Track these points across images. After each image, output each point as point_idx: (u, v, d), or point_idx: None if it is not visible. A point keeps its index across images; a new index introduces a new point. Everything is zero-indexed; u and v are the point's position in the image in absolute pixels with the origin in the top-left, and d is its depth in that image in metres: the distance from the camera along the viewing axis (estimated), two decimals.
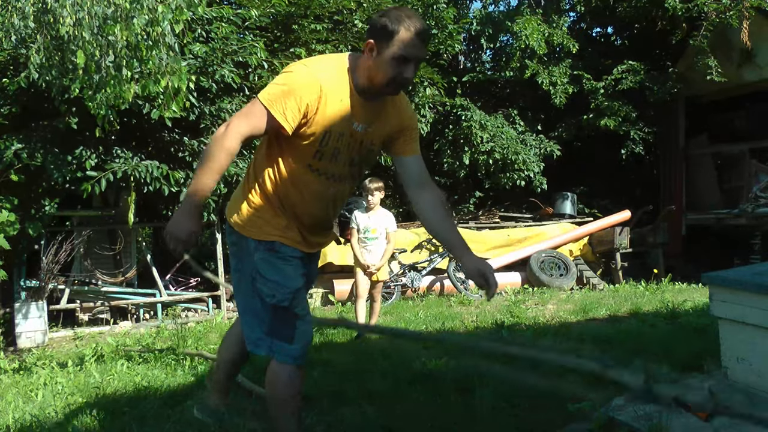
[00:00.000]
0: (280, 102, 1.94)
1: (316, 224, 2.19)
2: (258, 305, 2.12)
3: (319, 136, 2.00)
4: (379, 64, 1.96)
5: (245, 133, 1.98)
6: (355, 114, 2.04)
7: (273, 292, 2.07)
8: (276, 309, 2.09)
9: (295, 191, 2.08)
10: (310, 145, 2.02)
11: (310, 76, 1.97)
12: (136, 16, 4.29)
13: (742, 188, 8.96)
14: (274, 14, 7.84)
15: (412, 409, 2.86)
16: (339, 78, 2.02)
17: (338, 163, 2.08)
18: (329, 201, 2.17)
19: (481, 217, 9.67)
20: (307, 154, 2.04)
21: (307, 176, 2.07)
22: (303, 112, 1.95)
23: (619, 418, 2.49)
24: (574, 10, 11.50)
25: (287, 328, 2.11)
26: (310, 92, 1.95)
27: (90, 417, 3.12)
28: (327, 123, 1.99)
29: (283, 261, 2.10)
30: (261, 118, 1.97)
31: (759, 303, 2.56)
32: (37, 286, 6.33)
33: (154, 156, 6.47)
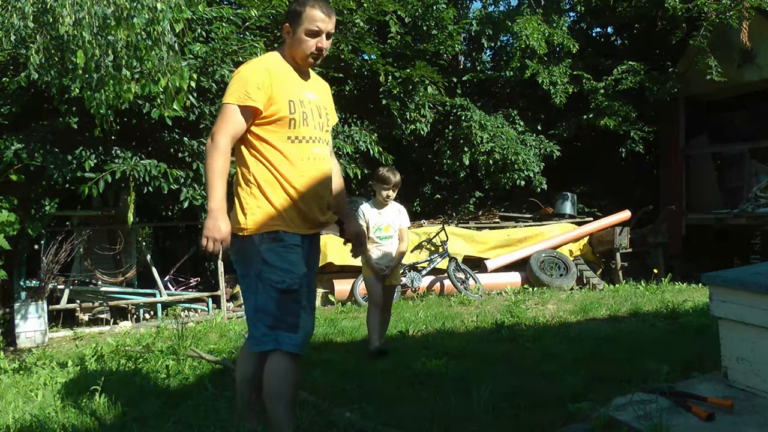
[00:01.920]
0: (241, 92, 2.28)
1: (313, 196, 2.39)
2: (263, 300, 2.27)
3: (286, 105, 2.33)
4: (297, 42, 2.38)
5: (230, 133, 2.29)
6: (302, 85, 2.43)
7: (282, 277, 2.26)
8: (283, 296, 2.25)
9: (290, 166, 2.33)
10: (282, 117, 2.32)
11: (254, 65, 2.38)
12: (136, 16, 4.29)
13: (742, 188, 8.97)
14: (274, 14, 7.84)
15: (412, 409, 2.86)
16: (277, 61, 2.42)
17: (310, 126, 2.39)
18: (318, 165, 2.42)
19: (481, 217, 9.67)
20: (282, 127, 2.33)
21: (290, 148, 2.35)
22: (263, 89, 2.28)
23: (619, 418, 2.49)
24: (574, 10, 11.50)
25: (292, 316, 2.28)
26: (260, 74, 2.31)
27: (90, 417, 3.12)
28: (286, 93, 2.34)
29: (287, 249, 2.30)
30: (235, 114, 2.29)
31: (759, 303, 2.56)
32: (37, 286, 6.33)
33: (153, 156, 6.47)
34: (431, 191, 11.50)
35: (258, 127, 2.34)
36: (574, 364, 3.57)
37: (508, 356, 3.89)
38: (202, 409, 3.06)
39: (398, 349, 4.33)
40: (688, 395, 2.59)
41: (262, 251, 2.28)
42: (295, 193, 2.34)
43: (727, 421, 2.38)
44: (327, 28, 2.38)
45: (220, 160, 2.26)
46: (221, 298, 7.39)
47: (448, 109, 9.81)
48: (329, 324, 5.90)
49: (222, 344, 4.88)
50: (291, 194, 2.34)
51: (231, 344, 4.93)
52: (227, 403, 3.12)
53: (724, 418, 2.41)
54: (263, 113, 2.31)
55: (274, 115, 2.32)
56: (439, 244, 8.16)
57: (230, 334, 5.57)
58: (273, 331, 2.26)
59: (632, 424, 2.41)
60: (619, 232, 8.42)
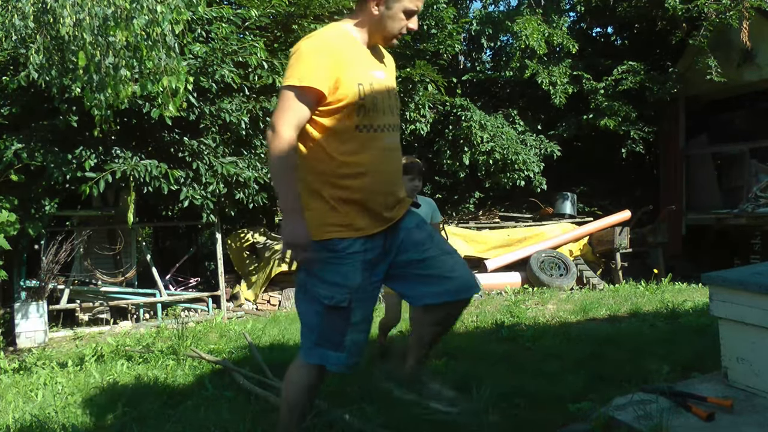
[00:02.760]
0: (301, 73, 1.95)
1: (382, 192, 2.08)
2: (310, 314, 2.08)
3: (354, 89, 1.99)
4: (388, 18, 2.05)
5: (293, 121, 1.96)
6: (371, 63, 2.10)
7: (331, 293, 2.02)
8: (330, 312, 2.03)
9: (356, 159, 2.02)
10: (351, 103, 2.00)
11: (316, 41, 2.02)
12: (136, 17, 4.29)
13: (742, 188, 8.96)
14: (274, 14, 7.83)
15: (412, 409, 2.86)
16: (342, 36, 2.07)
17: (380, 112, 2.06)
18: (389, 154, 2.11)
19: (481, 217, 9.68)
20: (351, 115, 2.01)
21: (360, 137, 2.02)
22: (328, 71, 1.96)
23: (619, 417, 2.49)
24: (574, 10, 11.50)
25: (337, 334, 2.06)
26: (323, 53, 1.97)
27: (90, 417, 3.12)
28: (353, 75, 2.00)
29: (340, 260, 2.03)
30: (296, 99, 1.96)
31: (759, 303, 2.56)
32: (37, 286, 6.33)
33: (153, 156, 6.48)
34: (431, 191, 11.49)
35: (321, 114, 2.01)
36: (574, 364, 3.57)
37: (508, 356, 3.89)
38: (202, 409, 3.06)
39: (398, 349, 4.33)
40: (688, 395, 2.59)
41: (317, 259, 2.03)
42: (362, 190, 2.03)
43: (727, 421, 2.38)
44: (421, 8, 2.12)
45: (287, 152, 1.94)
46: (221, 298, 7.39)
47: (448, 109, 9.81)
48: None
49: (222, 344, 4.88)
50: (356, 192, 2.03)
51: (231, 344, 4.93)
52: (227, 403, 3.12)
53: (724, 418, 2.41)
54: (328, 98, 1.99)
55: (341, 100, 1.99)
56: None
57: (230, 334, 5.57)
58: (318, 347, 2.07)
59: (632, 424, 2.41)
60: (619, 232, 8.42)
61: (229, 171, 6.52)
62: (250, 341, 4.66)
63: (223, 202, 6.94)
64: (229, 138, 7.02)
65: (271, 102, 6.94)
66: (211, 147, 6.72)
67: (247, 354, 4.42)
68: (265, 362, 3.88)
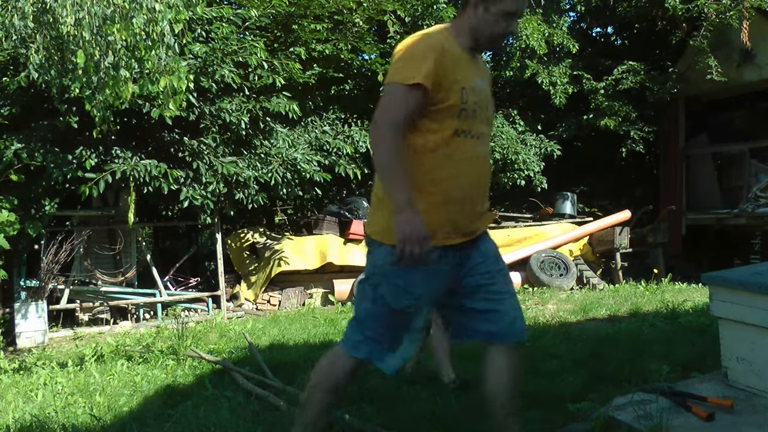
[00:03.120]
0: (410, 69, 1.90)
1: (468, 201, 2.02)
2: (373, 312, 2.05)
3: (458, 92, 1.94)
4: (487, 20, 2.00)
5: (398, 119, 1.90)
6: (473, 70, 2.04)
7: (399, 298, 1.99)
8: (394, 316, 2.01)
9: (446, 164, 1.95)
10: (453, 105, 1.94)
11: (422, 39, 1.98)
12: (135, 16, 4.29)
13: (742, 188, 8.96)
14: (274, 14, 7.83)
15: (412, 409, 2.86)
16: (447, 38, 2.00)
17: (478, 120, 2.02)
18: (481, 164, 2.06)
19: None
20: (452, 116, 1.95)
21: (455, 142, 1.96)
22: (434, 68, 1.90)
23: (619, 417, 2.49)
24: (574, 10, 11.49)
25: (393, 335, 2.05)
26: (431, 52, 1.92)
27: (90, 417, 3.12)
28: (458, 78, 1.95)
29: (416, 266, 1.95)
30: (402, 96, 1.91)
31: (759, 303, 2.56)
32: (37, 286, 6.33)
33: (153, 156, 6.47)
34: None
35: (422, 115, 1.95)
36: (574, 364, 3.57)
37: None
38: (202, 409, 3.06)
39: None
40: (688, 395, 2.59)
41: (386, 263, 1.97)
42: (448, 196, 1.96)
43: (727, 421, 2.39)
44: (523, 10, 2.07)
45: (392, 152, 1.87)
46: (221, 298, 7.39)
47: None
48: (329, 324, 5.90)
49: (222, 344, 4.88)
50: (443, 198, 1.96)
51: (231, 344, 4.93)
52: (227, 403, 3.12)
53: (724, 418, 2.41)
54: (432, 98, 1.92)
55: (445, 101, 1.93)
56: None
57: (230, 334, 5.57)
58: (369, 342, 2.05)
59: (632, 424, 2.41)
60: (619, 232, 8.42)
61: (229, 171, 6.52)
62: (250, 341, 4.66)
63: (223, 202, 6.94)
64: (229, 138, 7.02)
65: (271, 102, 6.94)
66: (211, 147, 6.72)
67: (247, 354, 4.42)
68: (265, 362, 3.88)
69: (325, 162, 7.53)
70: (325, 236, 8.04)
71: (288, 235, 8.39)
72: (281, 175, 6.91)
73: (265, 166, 6.91)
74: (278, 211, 10.26)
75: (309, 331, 5.58)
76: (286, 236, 8.23)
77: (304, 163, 7.05)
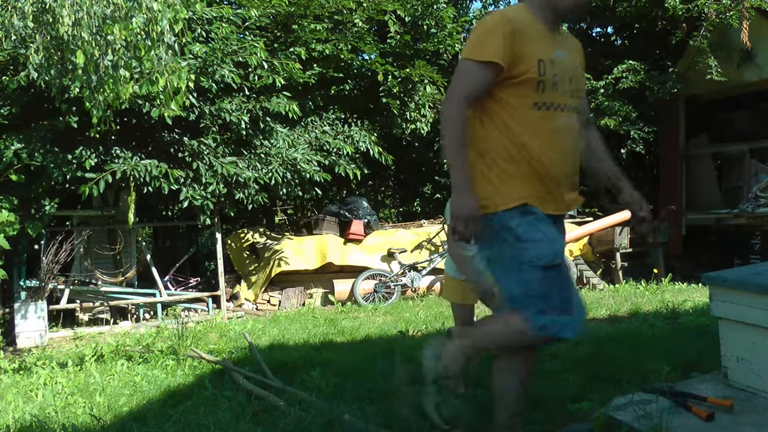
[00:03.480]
0: (481, 46, 1.97)
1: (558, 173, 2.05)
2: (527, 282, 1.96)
3: (534, 65, 1.98)
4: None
5: (466, 94, 1.98)
6: (552, 43, 2.06)
7: (543, 250, 1.96)
8: (548, 272, 1.95)
9: (532, 139, 2.00)
10: (530, 79, 1.98)
11: (498, 17, 2.05)
12: (135, 16, 4.29)
13: (742, 188, 8.96)
14: (274, 14, 7.83)
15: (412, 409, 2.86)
16: (524, 14, 2.06)
17: (560, 92, 2.03)
18: (567, 138, 2.07)
19: None
20: (529, 90, 1.99)
21: (537, 116, 2.01)
22: (508, 44, 1.95)
23: (619, 417, 2.49)
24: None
25: (558, 295, 1.98)
26: (504, 27, 1.97)
27: (90, 417, 3.12)
28: (534, 51, 1.99)
29: (539, 221, 2.01)
30: (473, 71, 1.99)
31: (759, 303, 2.56)
32: (37, 286, 6.33)
33: (153, 156, 6.47)
34: (431, 191, 11.49)
35: (500, 88, 2.01)
36: (574, 364, 3.57)
37: None
38: (202, 409, 3.06)
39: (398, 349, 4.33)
40: (688, 395, 2.59)
41: (514, 227, 1.98)
42: (539, 167, 2.01)
43: (727, 421, 2.38)
44: None
45: (458, 126, 1.97)
46: (221, 298, 7.39)
47: None
48: (329, 324, 5.90)
49: (222, 344, 4.88)
50: (534, 168, 2.01)
51: (231, 344, 4.93)
52: (227, 403, 3.12)
53: (724, 418, 2.41)
54: (507, 73, 1.98)
55: (521, 75, 1.98)
56: (439, 244, 8.16)
57: (230, 334, 5.57)
58: (544, 316, 1.93)
59: (632, 424, 2.41)
60: (619, 232, 8.42)
61: (229, 171, 6.52)
62: (250, 341, 4.66)
63: (222, 203, 6.94)
64: (229, 138, 7.02)
65: (271, 102, 6.94)
66: (211, 147, 6.72)
67: (247, 354, 4.42)
68: (265, 362, 3.88)
69: (325, 162, 7.53)
70: (325, 236, 8.04)
71: (288, 235, 8.40)
72: (281, 175, 6.91)
73: (265, 166, 6.91)
74: (278, 211, 10.27)
75: (309, 331, 5.58)
76: (286, 236, 8.23)
77: (304, 163, 7.05)
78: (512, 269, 1.99)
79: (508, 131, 2.01)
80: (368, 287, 7.49)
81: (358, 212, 8.31)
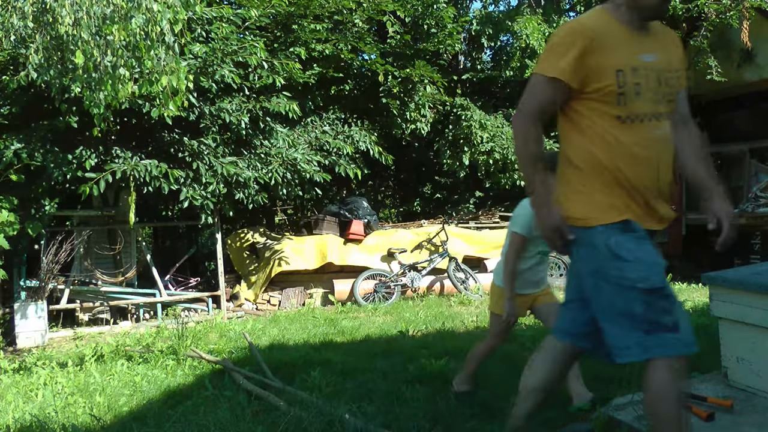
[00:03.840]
0: (550, 61, 1.91)
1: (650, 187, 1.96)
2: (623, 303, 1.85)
3: (612, 78, 1.88)
4: None
5: (534, 111, 1.95)
6: (637, 46, 1.94)
7: (644, 273, 1.84)
8: (650, 295, 1.83)
9: (615, 152, 1.91)
10: (609, 92, 1.89)
11: (572, 27, 1.96)
12: (135, 16, 4.29)
13: (742, 188, 8.96)
14: (274, 14, 7.84)
15: (412, 409, 2.86)
16: (600, 19, 1.95)
17: (645, 100, 1.91)
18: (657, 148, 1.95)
19: (481, 217, 9.67)
20: (610, 105, 1.90)
21: (620, 130, 1.91)
22: (579, 59, 1.87)
23: (619, 417, 2.49)
24: (574, 9, 11.49)
25: (667, 314, 1.84)
26: (577, 38, 1.89)
27: (90, 417, 3.12)
28: (613, 61, 1.89)
29: (640, 239, 1.90)
30: (541, 86, 1.94)
31: (759, 303, 2.56)
32: (37, 286, 6.33)
33: (153, 156, 6.47)
34: (431, 191, 11.50)
35: (579, 102, 1.94)
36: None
37: (508, 356, 3.89)
38: (202, 409, 3.06)
39: (398, 349, 4.33)
40: (688, 395, 2.59)
41: (612, 245, 1.88)
42: (628, 182, 1.91)
43: (727, 421, 2.39)
44: None
45: (526, 142, 1.96)
46: (221, 298, 7.39)
47: (448, 108, 9.81)
48: (329, 324, 5.90)
49: (222, 344, 4.88)
50: (623, 183, 1.92)
51: (231, 344, 4.93)
52: (227, 403, 3.12)
53: (724, 418, 2.41)
54: (581, 88, 1.90)
55: (597, 90, 1.90)
56: (439, 244, 8.16)
57: (230, 334, 5.57)
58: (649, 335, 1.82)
59: (632, 424, 2.41)
60: None
61: (229, 171, 6.52)
62: (250, 341, 4.66)
63: (222, 202, 6.94)
64: (229, 138, 7.02)
65: (271, 102, 6.94)
66: (211, 147, 6.72)
67: (247, 354, 4.42)
68: (265, 362, 3.89)
69: (325, 162, 7.53)
70: (325, 236, 8.04)
71: (288, 235, 8.39)
72: (281, 175, 6.91)
73: (265, 166, 6.91)
74: (278, 211, 10.27)
75: (309, 331, 5.58)
76: (286, 236, 8.23)
77: (304, 163, 7.05)
78: (606, 287, 1.90)
79: (593, 146, 1.94)
80: (368, 287, 7.50)
81: (358, 212, 8.31)
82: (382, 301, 7.35)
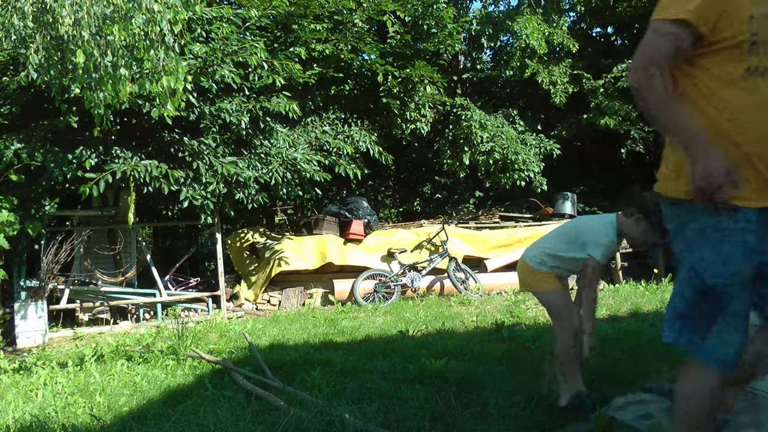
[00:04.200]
0: (675, 4, 1.66)
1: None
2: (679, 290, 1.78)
3: (744, 23, 1.64)
4: None
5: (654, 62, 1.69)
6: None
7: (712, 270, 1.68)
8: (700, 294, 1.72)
9: (739, 111, 1.66)
10: (740, 40, 1.65)
11: None
12: (134, 16, 4.29)
13: None
14: (274, 14, 7.84)
15: (412, 409, 2.86)
16: None
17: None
18: None
19: (481, 217, 9.68)
20: (740, 54, 1.65)
21: (748, 83, 1.66)
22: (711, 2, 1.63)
23: (619, 418, 2.49)
24: (574, 10, 11.51)
25: (703, 320, 1.73)
26: None
27: (90, 417, 3.12)
28: (745, 6, 1.65)
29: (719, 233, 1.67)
30: (667, 32, 1.67)
31: None
32: (37, 286, 6.33)
33: (153, 156, 6.47)
34: (431, 191, 11.51)
35: (701, 55, 1.69)
36: None
37: (508, 356, 3.89)
38: (202, 409, 3.06)
39: (398, 349, 4.33)
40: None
41: (690, 228, 1.72)
42: (753, 148, 1.65)
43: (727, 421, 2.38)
44: None
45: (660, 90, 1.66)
46: (221, 298, 7.39)
47: (448, 108, 9.82)
48: (329, 324, 5.90)
49: (222, 344, 4.88)
50: (745, 150, 1.65)
51: (231, 344, 4.93)
52: (227, 403, 3.12)
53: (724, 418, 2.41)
54: (710, 37, 1.66)
55: (728, 38, 1.65)
56: (439, 244, 8.16)
57: (230, 334, 5.57)
58: (684, 332, 1.76)
59: (632, 424, 2.41)
60: None
61: (229, 171, 6.52)
62: (250, 341, 4.66)
63: (222, 202, 6.94)
64: (229, 138, 7.03)
65: (271, 102, 6.95)
66: (211, 147, 6.72)
67: (247, 354, 4.42)
68: (265, 362, 3.88)
69: (325, 162, 7.53)
70: (325, 236, 8.04)
71: (288, 235, 8.40)
72: (281, 175, 6.91)
73: (265, 166, 6.91)
74: (278, 211, 10.27)
75: (309, 331, 5.58)
76: (286, 236, 8.23)
77: (304, 163, 7.05)
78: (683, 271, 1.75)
79: (710, 105, 1.69)
80: (368, 287, 7.50)
81: (358, 212, 8.31)
82: (382, 301, 7.35)
